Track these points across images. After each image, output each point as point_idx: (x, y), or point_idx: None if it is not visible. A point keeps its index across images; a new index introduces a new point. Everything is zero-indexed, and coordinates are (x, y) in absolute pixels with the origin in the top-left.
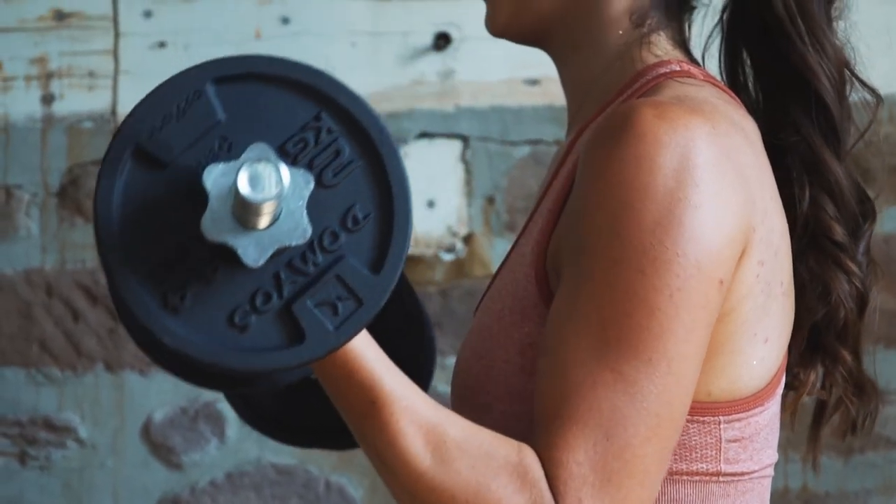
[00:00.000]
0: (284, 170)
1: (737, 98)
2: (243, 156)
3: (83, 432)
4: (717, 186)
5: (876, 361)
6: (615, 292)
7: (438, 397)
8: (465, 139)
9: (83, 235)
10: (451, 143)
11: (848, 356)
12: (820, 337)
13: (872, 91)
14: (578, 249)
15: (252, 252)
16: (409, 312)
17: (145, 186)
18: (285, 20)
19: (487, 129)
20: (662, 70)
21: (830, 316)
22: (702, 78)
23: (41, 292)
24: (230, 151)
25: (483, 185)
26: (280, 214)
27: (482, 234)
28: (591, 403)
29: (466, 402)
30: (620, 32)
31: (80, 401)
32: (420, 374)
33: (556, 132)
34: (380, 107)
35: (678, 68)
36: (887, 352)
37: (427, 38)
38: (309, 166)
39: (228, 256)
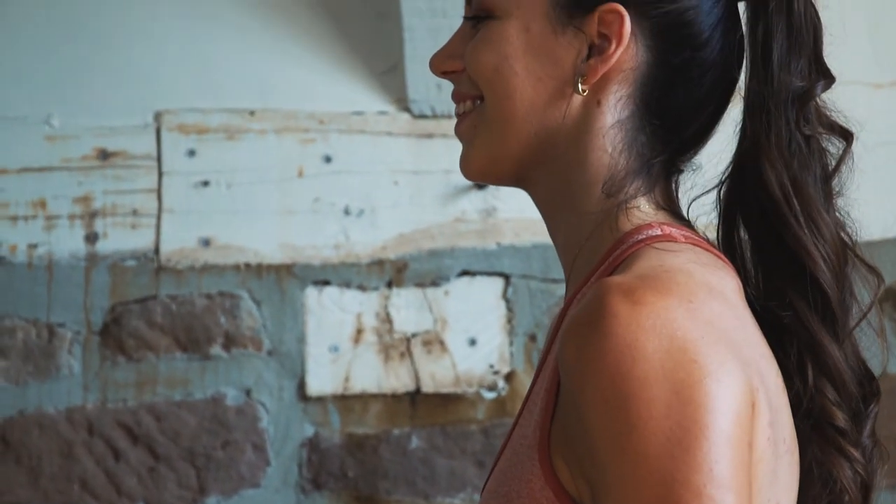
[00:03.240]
0: None
1: (721, 255)
2: None
3: None
4: (714, 356)
5: None
6: (653, 486)
7: None
8: (506, 277)
9: (125, 374)
10: (492, 280)
11: None
12: None
13: (873, 270)
14: (597, 460)
15: None
16: None
17: None
18: (328, 158)
19: (529, 266)
20: (641, 236)
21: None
22: (683, 241)
23: (83, 431)
24: None
25: (525, 322)
26: None
27: (524, 371)
28: None
29: None
30: (599, 196)
31: None
32: None
33: None
34: (422, 244)
35: (658, 232)
36: None
37: None
38: None
39: None
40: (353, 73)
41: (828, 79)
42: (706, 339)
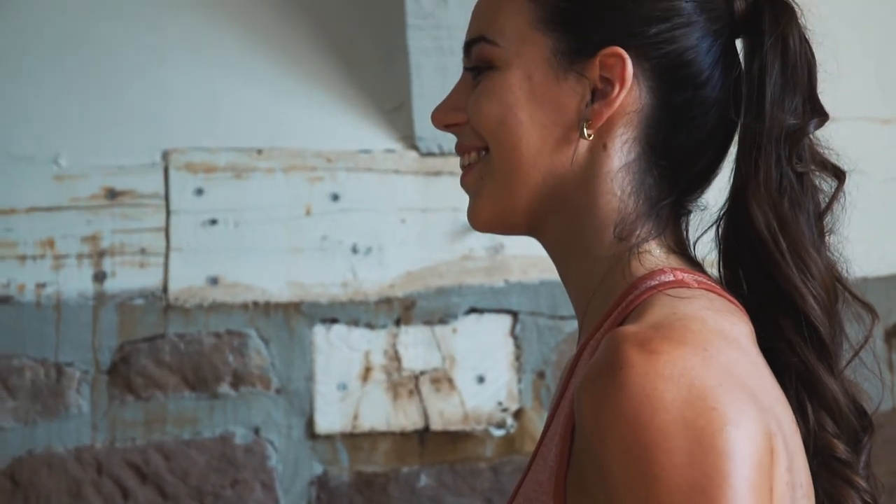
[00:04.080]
0: None
1: (733, 300)
2: None
3: None
4: (732, 403)
5: None
6: None
7: None
8: (514, 314)
9: (133, 413)
10: (500, 317)
11: None
12: None
13: (867, 306)
14: None
15: None
16: None
17: None
18: (335, 197)
19: (537, 303)
20: (653, 282)
21: None
22: (695, 286)
23: (91, 470)
24: None
25: (533, 359)
26: None
27: (532, 409)
28: None
29: None
30: (611, 241)
31: None
32: None
33: None
34: (429, 282)
35: (671, 278)
36: None
37: None
38: None
39: None
40: (361, 111)
41: (822, 116)
42: (724, 387)
